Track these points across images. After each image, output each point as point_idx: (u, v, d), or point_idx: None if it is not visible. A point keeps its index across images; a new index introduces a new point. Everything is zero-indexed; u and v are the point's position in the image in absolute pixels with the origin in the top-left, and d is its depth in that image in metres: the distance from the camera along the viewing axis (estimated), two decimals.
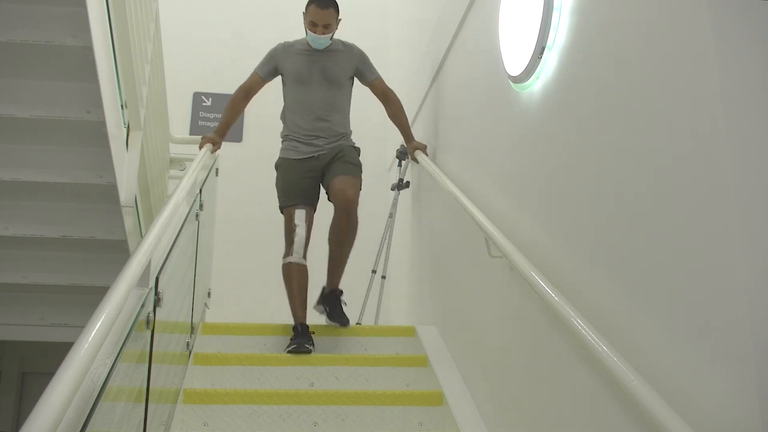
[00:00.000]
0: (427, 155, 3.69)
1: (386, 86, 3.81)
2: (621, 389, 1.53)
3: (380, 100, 3.81)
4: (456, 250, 3.32)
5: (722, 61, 1.41)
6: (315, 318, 3.47)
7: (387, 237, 4.66)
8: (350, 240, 3.50)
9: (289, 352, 3.20)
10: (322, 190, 3.62)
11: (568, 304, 1.85)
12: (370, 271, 4.56)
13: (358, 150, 3.68)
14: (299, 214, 3.46)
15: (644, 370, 1.53)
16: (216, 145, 3.59)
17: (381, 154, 5.57)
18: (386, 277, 4.65)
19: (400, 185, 4.58)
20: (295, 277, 3.41)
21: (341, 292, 3.60)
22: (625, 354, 1.60)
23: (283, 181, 3.58)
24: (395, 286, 4.87)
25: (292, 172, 3.55)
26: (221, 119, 3.74)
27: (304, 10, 3.56)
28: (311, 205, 3.54)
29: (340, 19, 3.56)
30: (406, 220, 4.65)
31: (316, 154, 3.55)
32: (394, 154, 4.72)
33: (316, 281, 3.59)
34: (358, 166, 3.60)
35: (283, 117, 3.69)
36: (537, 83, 2.35)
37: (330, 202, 3.53)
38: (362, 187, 3.57)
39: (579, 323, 1.76)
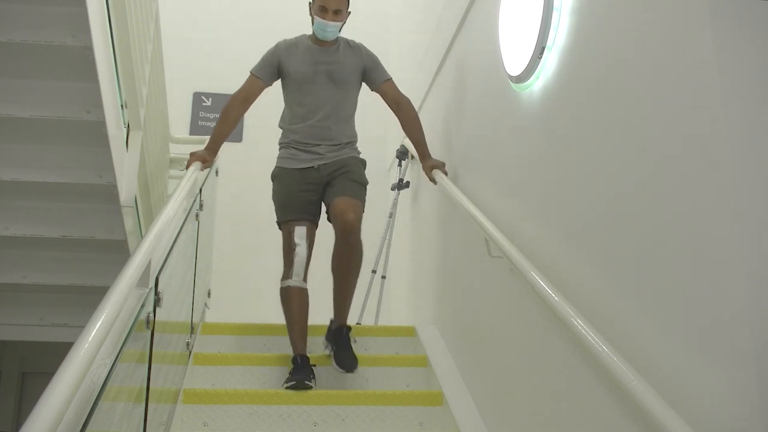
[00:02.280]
0: (446, 174, 3.24)
1: (399, 92, 3.37)
2: (620, 389, 1.53)
3: (391, 109, 3.39)
4: (456, 250, 3.32)
5: (722, 61, 1.41)
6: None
7: (387, 237, 4.66)
8: (353, 269, 3.16)
9: (287, 388, 2.89)
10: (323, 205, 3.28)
11: (568, 304, 1.85)
12: (370, 271, 4.56)
13: (363, 163, 3.33)
14: (299, 231, 3.11)
15: (644, 369, 1.53)
16: (207, 163, 3.17)
17: (381, 154, 5.57)
18: (386, 277, 4.65)
19: (400, 185, 4.58)
20: (295, 302, 3.06)
21: (349, 329, 3.19)
22: (625, 353, 1.60)
23: (280, 194, 3.23)
24: (395, 286, 4.87)
25: (291, 184, 3.20)
26: (214, 133, 3.25)
27: None
28: (312, 221, 3.19)
29: (349, 12, 3.24)
30: (406, 220, 4.65)
31: (316, 165, 3.20)
32: (394, 154, 4.73)
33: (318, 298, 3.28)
34: (363, 185, 3.25)
35: (282, 122, 3.35)
36: (537, 83, 2.35)
37: (329, 222, 3.20)
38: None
39: (579, 323, 1.76)
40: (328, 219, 3.20)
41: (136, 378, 1.84)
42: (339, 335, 3.15)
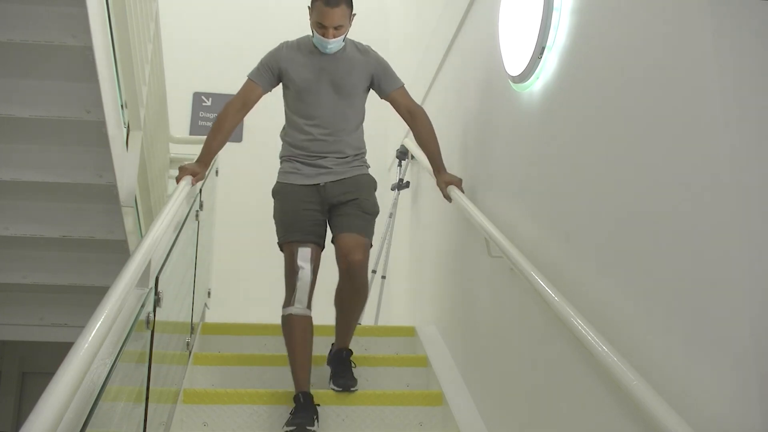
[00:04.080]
0: (462, 191, 2.95)
1: (412, 101, 3.06)
2: (621, 389, 1.53)
3: (404, 119, 3.09)
4: (456, 249, 3.32)
5: (722, 61, 1.41)
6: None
7: (387, 237, 4.66)
8: (356, 306, 2.99)
9: None
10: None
11: (568, 304, 1.86)
12: (371, 271, 4.56)
13: (375, 184, 3.04)
14: (303, 253, 2.81)
15: (644, 369, 1.53)
16: (197, 176, 2.82)
17: (381, 154, 5.57)
18: (386, 277, 4.65)
19: (400, 185, 4.59)
20: (297, 333, 2.80)
21: (350, 353, 3.01)
22: (625, 353, 1.60)
23: (282, 212, 2.93)
24: (395, 286, 4.87)
25: (294, 201, 2.90)
26: (206, 144, 2.91)
27: (309, 4, 2.85)
28: (318, 244, 2.88)
29: (354, 14, 2.89)
30: (406, 220, 4.65)
31: (322, 182, 2.90)
32: (394, 154, 4.73)
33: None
34: (373, 215, 2.95)
35: (284, 134, 3.04)
36: (537, 83, 2.35)
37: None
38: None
39: (579, 323, 1.76)
40: (332, 241, 2.95)
41: (136, 378, 1.84)
42: (338, 356, 3.01)
